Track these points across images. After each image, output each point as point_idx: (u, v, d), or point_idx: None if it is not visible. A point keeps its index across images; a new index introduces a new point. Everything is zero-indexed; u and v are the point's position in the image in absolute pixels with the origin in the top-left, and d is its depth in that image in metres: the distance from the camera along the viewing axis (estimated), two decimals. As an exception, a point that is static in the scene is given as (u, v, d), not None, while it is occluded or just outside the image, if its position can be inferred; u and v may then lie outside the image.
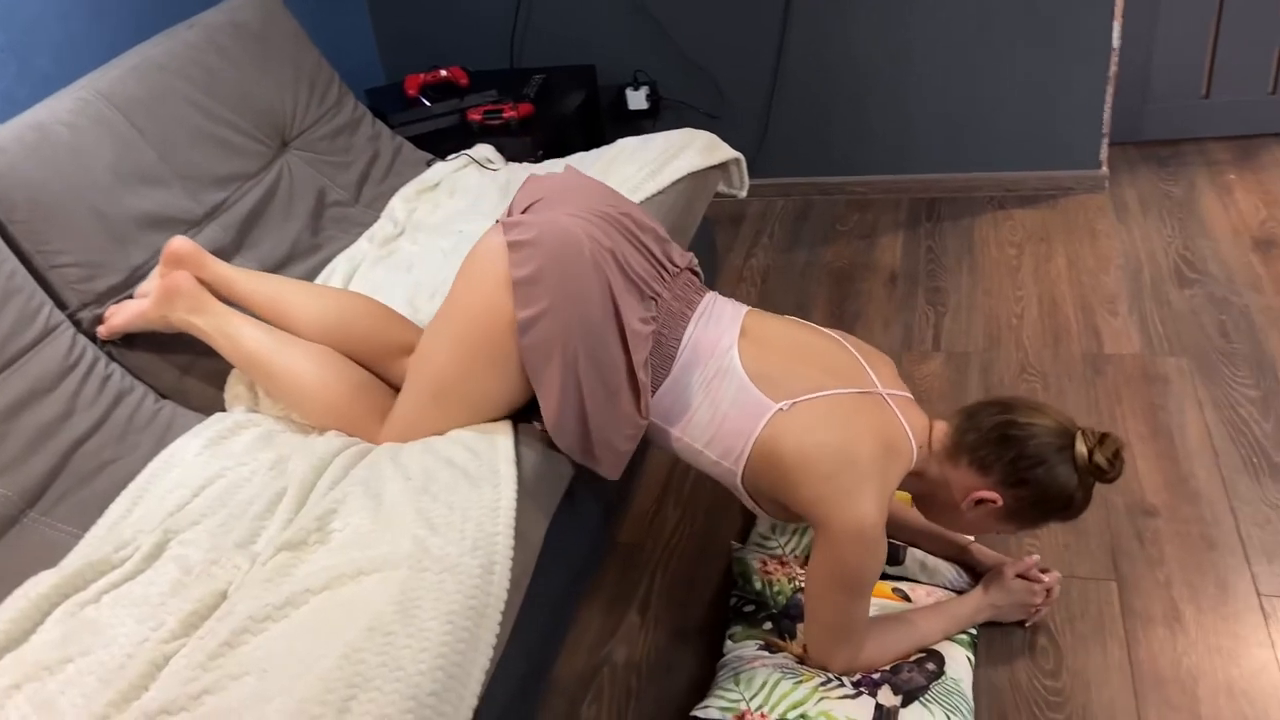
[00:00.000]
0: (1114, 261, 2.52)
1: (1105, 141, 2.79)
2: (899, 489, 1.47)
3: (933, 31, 2.75)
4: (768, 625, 1.60)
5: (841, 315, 2.48)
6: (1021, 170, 2.89)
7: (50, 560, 1.42)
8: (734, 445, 1.45)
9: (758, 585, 1.64)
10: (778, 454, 1.41)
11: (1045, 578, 1.58)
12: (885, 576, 1.68)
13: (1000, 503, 1.41)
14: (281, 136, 2.20)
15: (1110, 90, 2.72)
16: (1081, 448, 1.37)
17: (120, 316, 1.69)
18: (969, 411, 1.46)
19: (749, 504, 1.52)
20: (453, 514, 1.30)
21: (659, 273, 1.51)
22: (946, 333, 2.35)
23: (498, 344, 1.42)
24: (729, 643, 1.58)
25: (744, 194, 2.33)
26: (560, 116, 2.68)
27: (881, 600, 1.59)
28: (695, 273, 1.64)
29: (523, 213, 1.51)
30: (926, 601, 1.59)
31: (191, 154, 1.96)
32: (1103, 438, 1.38)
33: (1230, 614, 1.58)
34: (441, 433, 1.50)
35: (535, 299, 1.39)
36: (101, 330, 1.70)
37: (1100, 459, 1.36)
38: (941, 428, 1.48)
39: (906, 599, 1.60)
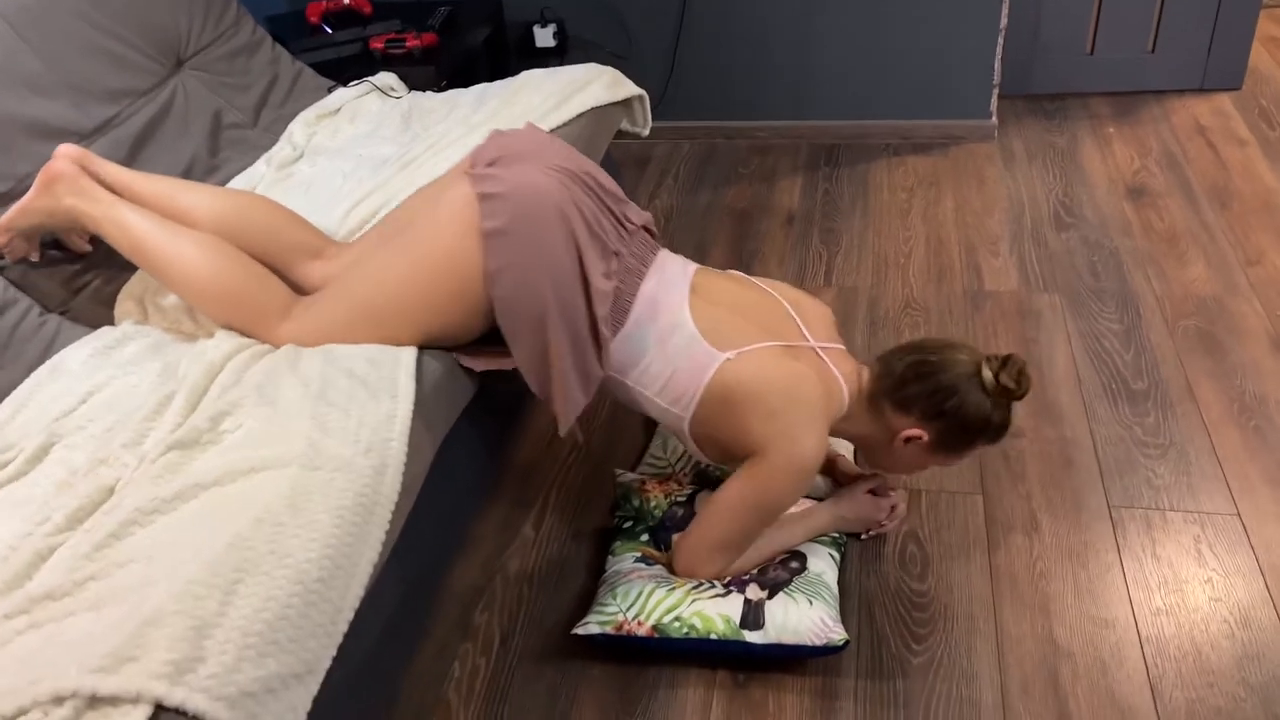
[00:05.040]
0: (999, 206, 2.64)
1: (995, 93, 2.91)
2: (839, 437, 1.60)
3: (834, -21, 2.81)
4: (644, 538, 1.66)
5: (740, 254, 2.55)
6: (916, 119, 2.99)
7: (-71, 465, 1.40)
8: (684, 392, 1.52)
9: (635, 503, 1.71)
10: (727, 395, 1.48)
11: (892, 494, 1.68)
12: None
13: (926, 437, 1.50)
14: (176, 55, 2.15)
15: (1000, 43, 2.82)
16: (987, 373, 1.46)
17: (7, 214, 1.65)
18: (884, 358, 1.55)
19: (690, 447, 1.60)
20: (348, 420, 1.32)
21: (619, 231, 1.57)
22: (838, 270, 2.44)
23: (460, 289, 1.47)
24: (610, 558, 1.64)
25: (646, 132, 2.37)
26: (465, 49, 2.67)
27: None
28: (650, 231, 1.69)
29: (489, 166, 1.54)
30: (794, 511, 1.68)
31: (80, 66, 1.91)
32: (1005, 360, 1.47)
33: (1083, 523, 1.71)
34: (355, 340, 1.51)
35: (505, 250, 1.44)
36: None
37: (1006, 380, 1.45)
38: (864, 374, 1.56)
39: (783, 508, 1.68)
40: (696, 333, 1.53)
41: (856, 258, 2.48)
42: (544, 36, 2.96)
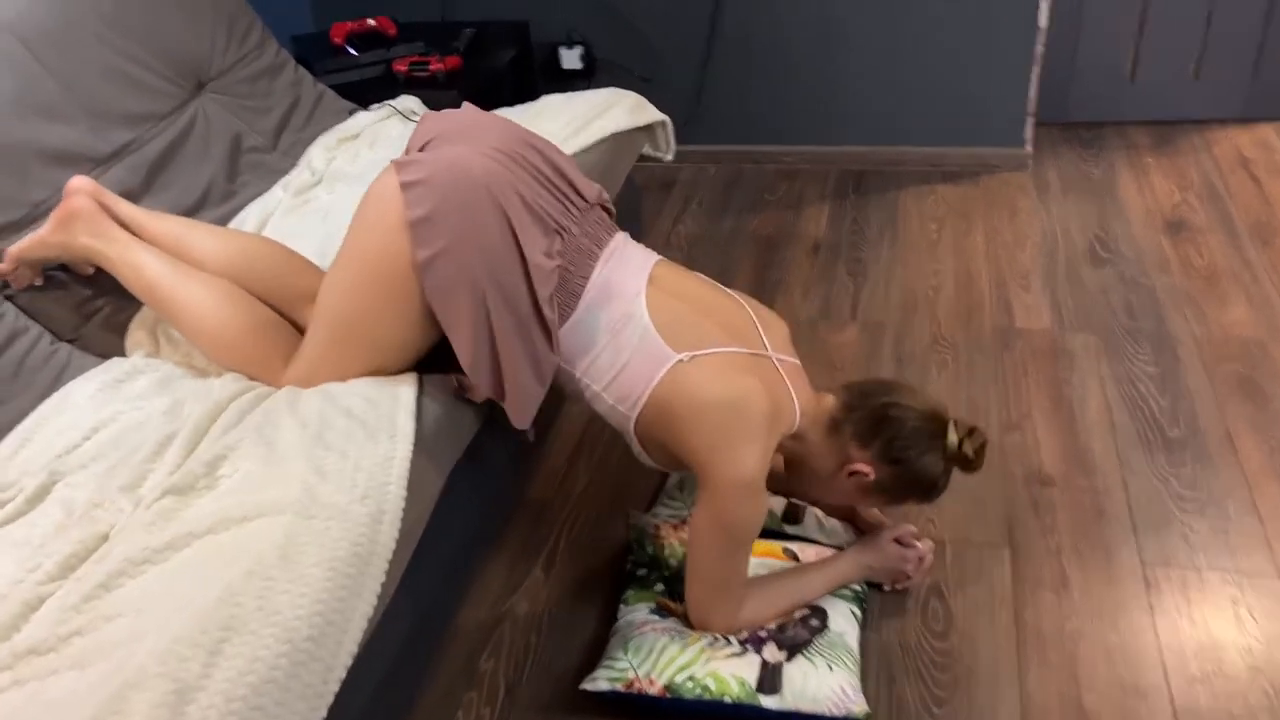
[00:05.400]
0: (1031, 239, 2.57)
1: (1030, 121, 2.84)
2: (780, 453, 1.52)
3: (865, 4, 2.75)
4: (659, 588, 1.61)
5: (763, 283, 2.49)
6: (948, 146, 2.93)
7: (-71, 500, 1.38)
8: (632, 391, 1.46)
9: (650, 550, 1.65)
10: (672, 403, 1.42)
11: (918, 545, 1.62)
12: (783, 536, 1.70)
13: (872, 476, 1.46)
14: (197, 78, 2.14)
15: (1036, 70, 2.76)
16: (953, 436, 1.45)
17: (19, 243, 1.64)
18: (859, 388, 1.50)
19: (637, 450, 1.54)
20: (345, 463, 1.28)
21: (565, 207, 1.50)
22: (864, 303, 2.38)
23: (398, 287, 1.40)
24: (622, 607, 1.59)
25: (670, 157, 2.33)
26: (490, 72, 2.64)
27: (770, 560, 1.61)
28: (608, 210, 1.63)
29: (420, 151, 1.49)
30: (813, 560, 1.62)
31: (99, 90, 1.90)
32: (971, 430, 1.46)
33: (1114, 581, 1.63)
34: (345, 377, 1.48)
35: (433, 238, 1.37)
36: (3, 266, 1.65)
37: (968, 449, 1.45)
38: (829, 399, 1.51)
39: (795, 559, 1.62)
40: (651, 327, 1.46)
41: (884, 291, 2.42)
42: (570, 59, 2.93)
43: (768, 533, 1.71)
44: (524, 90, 2.90)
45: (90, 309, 1.74)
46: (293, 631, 1.09)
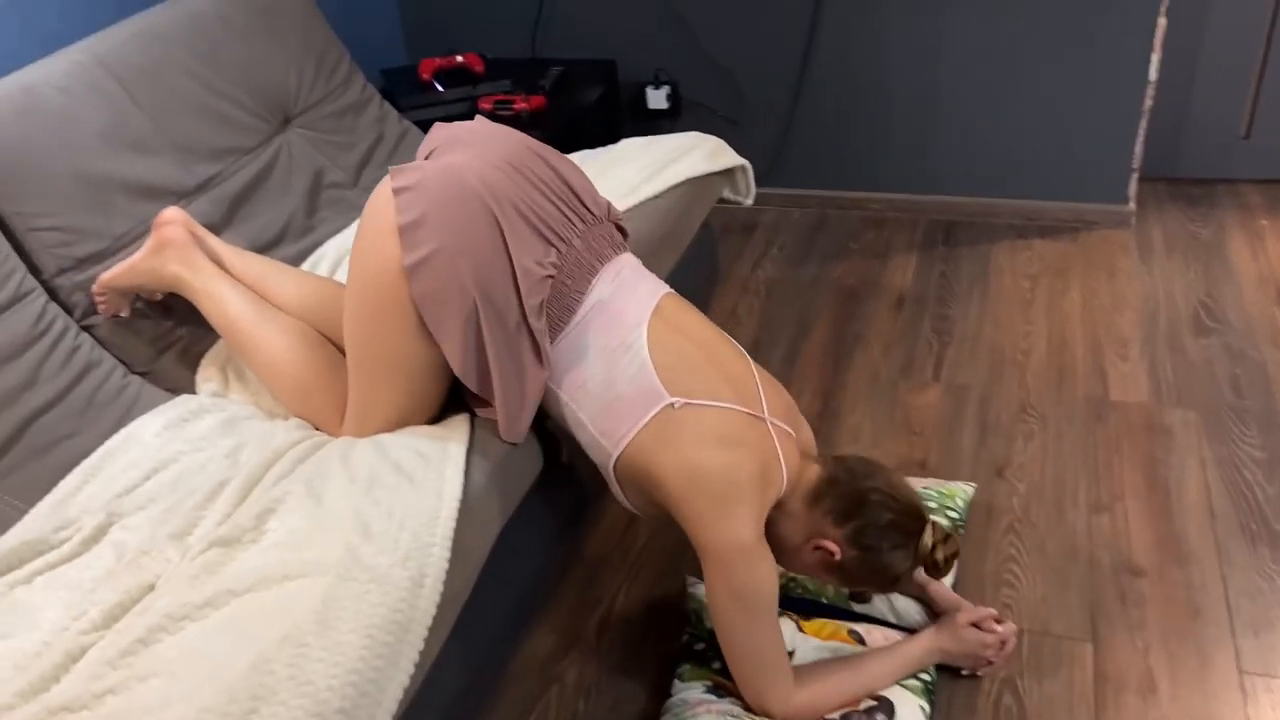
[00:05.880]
0: (1131, 303, 2.43)
1: (1135, 176, 2.70)
2: None
3: (964, 52, 2.66)
4: (716, 665, 1.54)
5: (843, 335, 2.41)
6: (1045, 200, 2.80)
7: (-8, 534, 1.40)
8: (617, 428, 1.40)
9: (709, 625, 1.58)
10: (657, 458, 1.37)
11: (999, 629, 1.52)
12: (849, 616, 1.62)
13: (837, 557, 1.39)
14: (284, 113, 2.16)
15: (1144, 124, 2.62)
16: (928, 539, 1.38)
17: (111, 270, 1.67)
18: (847, 465, 1.43)
19: (615, 490, 1.48)
20: (390, 521, 1.26)
21: (568, 219, 1.46)
22: (949, 363, 2.28)
23: (391, 295, 1.37)
24: (677, 682, 1.52)
25: (749, 202, 2.27)
26: (575, 111, 2.63)
27: (834, 643, 1.53)
28: (621, 229, 1.58)
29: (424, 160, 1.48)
30: (881, 644, 1.53)
31: (187, 125, 1.93)
32: (947, 537, 1.40)
33: (1208, 689, 1.51)
34: (385, 413, 1.46)
35: (421, 242, 1.34)
36: (94, 289, 1.68)
37: (939, 555, 1.38)
38: (814, 469, 1.44)
39: (861, 642, 1.54)
40: (649, 362, 1.40)
41: (970, 351, 2.32)
42: (657, 98, 2.90)
43: (833, 612, 1.63)
44: (609, 130, 2.88)
45: (165, 343, 1.76)
46: (324, 704, 1.06)
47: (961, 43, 2.65)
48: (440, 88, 2.59)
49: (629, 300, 1.46)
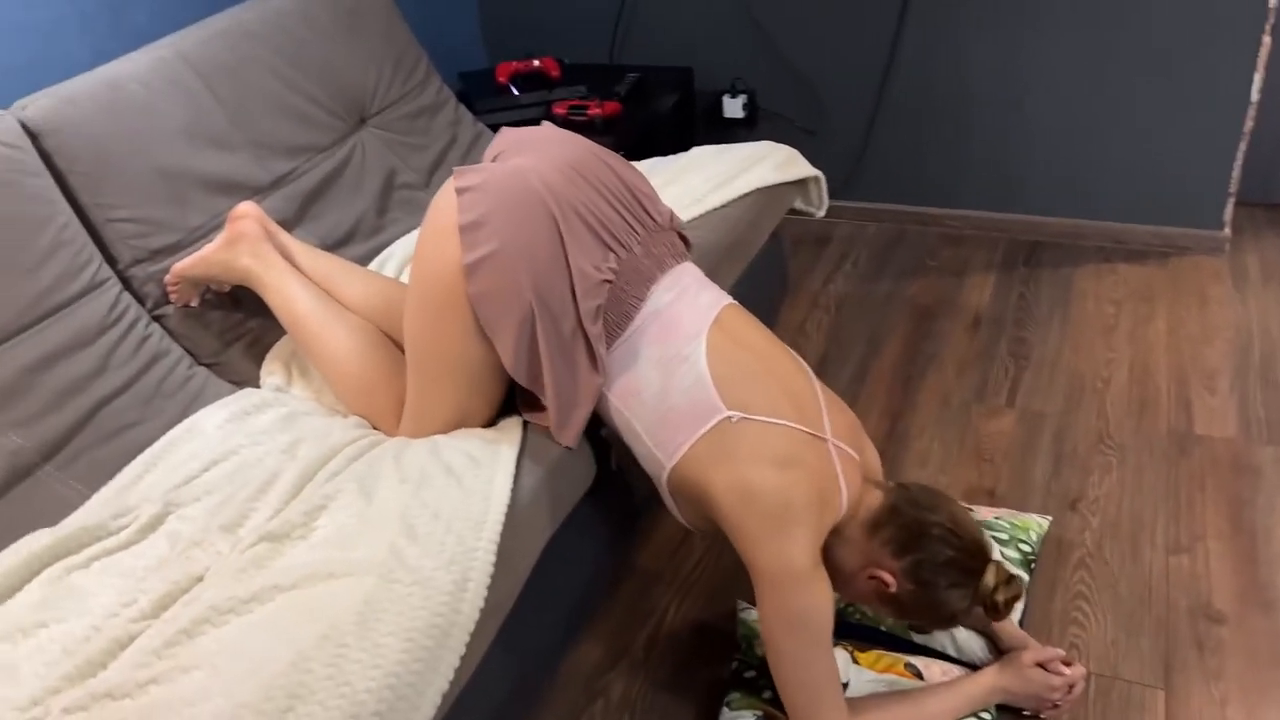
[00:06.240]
0: (1221, 333, 2.32)
1: (1231, 201, 2.58)
2: None
3: (1053, 66, 2.57)
4: (767, 694, 1.49)
5: (915, 355, 2.34)
6: (1134, 223, 2.69)
7: (56, 517, 1.43)
8: (672, 439, 1.37)
9: (760, 652, 1.54)
10: (710, 474, 1.33)
11: (1067, 671, 1.45)
12: (908, 647, 1.56)
13: (893, 589, 1.33)
14: (360, 113, 2.18)
15: (1243, 146, 2.50)
16: (989, 579, 1.32)
17: (184, 260, 1.70)
18: (911, 496, 1.37)
19: (669, 504, 1.44)
20: (436, 523, 1.24)
21: (629, 225, 1.44)
22: (1025, 388, 2.20)
23: (449, 294, 1.37)
24: (725, 711, 1.48)
25: (821, 213, 2.22)
26: (649, 118, 2.61)
27: (891, 676, 1.47)
28: (684, 239, 1.55)
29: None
30: (940, 680, 1.47)
31: (265, 122, 1.96)
32: (1010, 579, 1.33)
33: (1290, 746, 1.42)
34: (441, 414, 1.46)
35: (480, 242, 1.34)
36: (167, 278, 1.71)
37: (999, 598, 1.32)
38: (876, 496, 1.39)
39: (919, 676, 1.48)
40: (706, 373, 1.36)
41: (1048, 376, 2.23)
42: (733, 107, 2.86)
43: (891, 642, 1.57)
44: (683, 138, 2.86)
45: (232, 335, 1.79)
46: (360, 705, 1.05)
47: (1051, 56, 2.56)
48: (516, 91, 2.60)
49: (688, 310, 1.43)
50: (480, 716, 1.35)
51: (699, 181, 1.99)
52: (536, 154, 1.43)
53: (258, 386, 1.73)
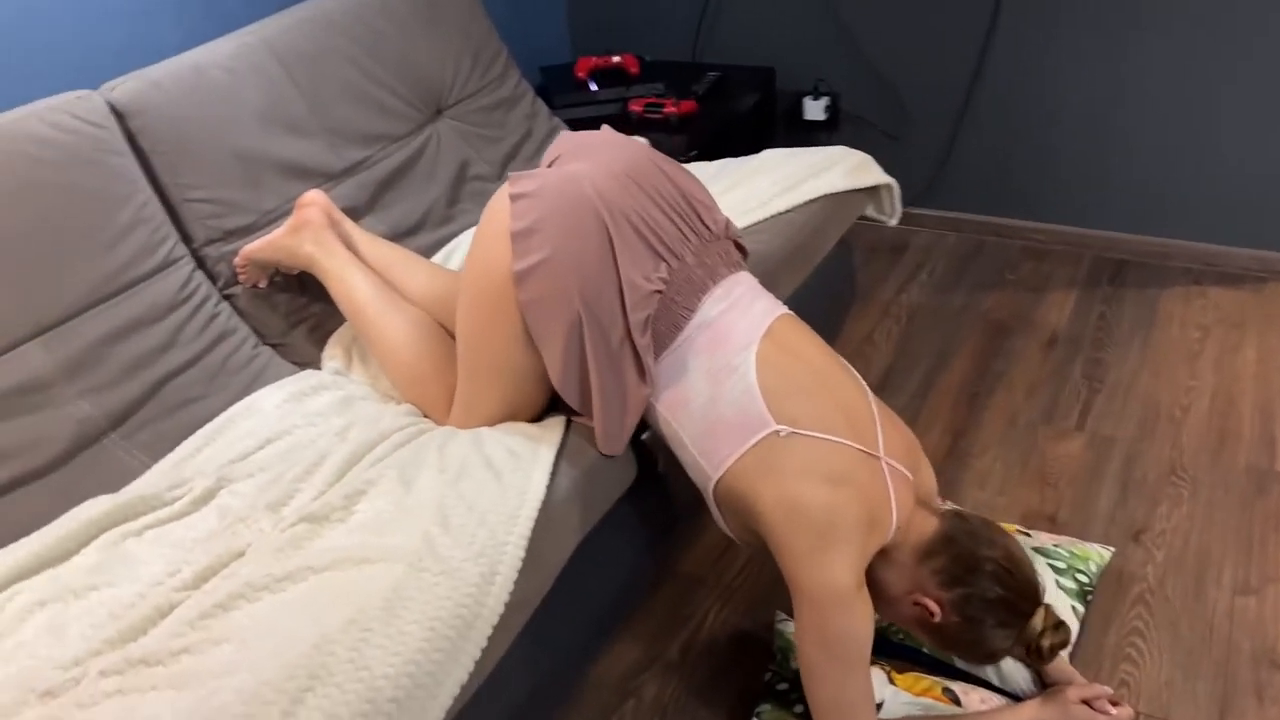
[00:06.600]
0: (1316, 365, 2.20)
1: (1337, 226, 2.44)
2: None
3: (1149, 77, 2.47)
4: (799, 709, 1.47)
5: (985, 372, 2.28)
6: (1228, 245, 2.57)
7: (118, 484, 1.49)
8: (719, 450, 1.35)
9: (794, 665, 1.51)
10: (757, 487, 1.31)
11: (1114, 711, 1.39)
12: (947, 670, 1.52)
13: (937, 619, 1.30)
14: (437, 104, 2.22)
15: (1353, 169, 2.37)
16: (1037, 623, 1.29)
17: (252, 244, 1.76)
18: (967, 527, 1.33)
19: (715, 515, 1.43)
20: (470, 515, 1.26)
21: (683, 234, 1.43)
22: (1096, 412, 2.12)
23: (500, 300, 1.38)
24: (755, 720, 1.47)
25: (894, 222, 2.18)
26: (727, 117, 2.59)
27: (927, 700, 1.43)
28: (740, 248, 1.54)
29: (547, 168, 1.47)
30: (978, 708, 1.43)
31: (342, 110, 2.01)
32: (1058, 625, 1.30)
33: (1351, 809, 1.34)
34: (488, 411, 1.48)
35: (532, 250, 1.34)
36: (236, 260, 1.76)
37: (1044, 643, 1.29)
38: (931, 522, 1.35)
39: (957, 703, 1.44)
40: (755, 385, 1.34)
41: (1122, 401, 2.15)
42: (815, 109, 2.82)
43: (931, 664, 1.53)
44: (761, 139, 2.83)
45: (298, 318, 1.84)
46: (377, 691, 1.06)
47: (1144, 69, 2.46)
48: (594, 87, 2.60)
49: (740, 320, 1.41)
50: (504, 709, 1.37)
51: (766, 185, 1.96)
52: (593, 160, 1.43)
53: (319, 369, 1.77)
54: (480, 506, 1.27)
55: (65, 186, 1.58)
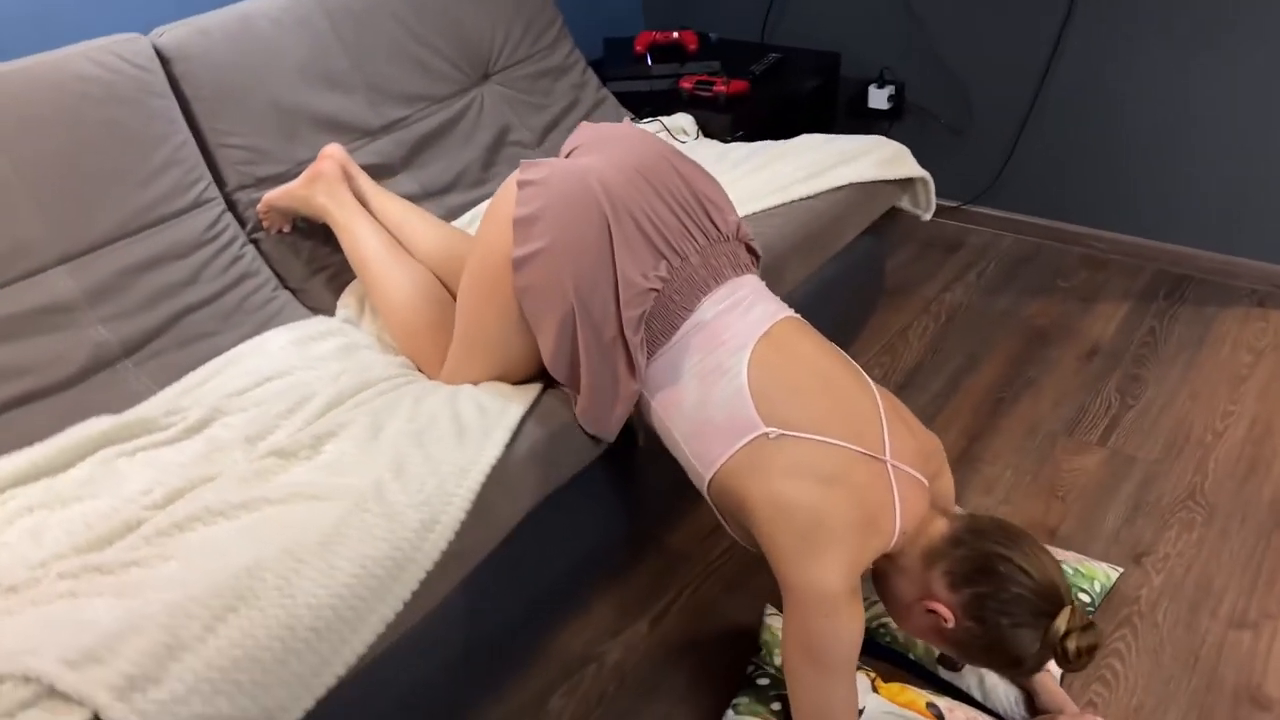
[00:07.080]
0: (1371, 400, 2.07)
1: None
2: None
3: (1219, 88, 2.34)
4: (776, 706, 1.45)
5: (1013, 379, 2.22)
6: (1299, 267, 2.44)
7: (123, 408, 1.57)
8: (709, 451, 1.34)
9: (778, 661, 1.50)
10: (747, 488, 1.29)
11: None
12: (935, 682, 1.50)
13: (950, 624, 1.25)
14: (484, 68, 2.25)
15: None
16: (1061, 624, 1.21)
17: (274, 191, 1.83)
18: (975, 525, 1.28)
19: (718, 516, 1.42)
20: (425, 465, 1.29)
21: (688, 233, 1.42)
22: (1122, 428, 2.04)
23: (498, 283, 1.41)
24: (730, 713, 1.46)
25: (928, 217, 2.13)
26: (784, 100, 2.56)
27: (910, 714, 1.40)
28: (752, 251, 1.52)
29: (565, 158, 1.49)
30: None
31: (385, 69, 2.06)
32: (1087, 625, 1.21)
33: None
34: (475, 378, 1.51)
35: (532, 238, 1.36)
36: (259, 207, 1.84)
37: (1072, 645, 1.21)
38: (940, 524, 1.31)
39: (940, 717, 1.40)
40: (745, 387, 1.32)
41: (1152, 420, 2.06)
42: (878, 98, 2.77)
43: (918, 673, 1.51)
44: (820, 123, 2.79)
45: (318, 265, 1.90)
46: (296, 619, 1.11)
47: (1217, 78, 2.34)
48: (650, 61, 2.61)
49: (737, 322, 1.39)
50: (443, 661, 1.40)
51: (789, 169, 1.94)
52: (606, 154, 1.44)
53: (331, 316, 1.83)
54: (436, 457, 1.31)
55: (105, 122, 1.67)
